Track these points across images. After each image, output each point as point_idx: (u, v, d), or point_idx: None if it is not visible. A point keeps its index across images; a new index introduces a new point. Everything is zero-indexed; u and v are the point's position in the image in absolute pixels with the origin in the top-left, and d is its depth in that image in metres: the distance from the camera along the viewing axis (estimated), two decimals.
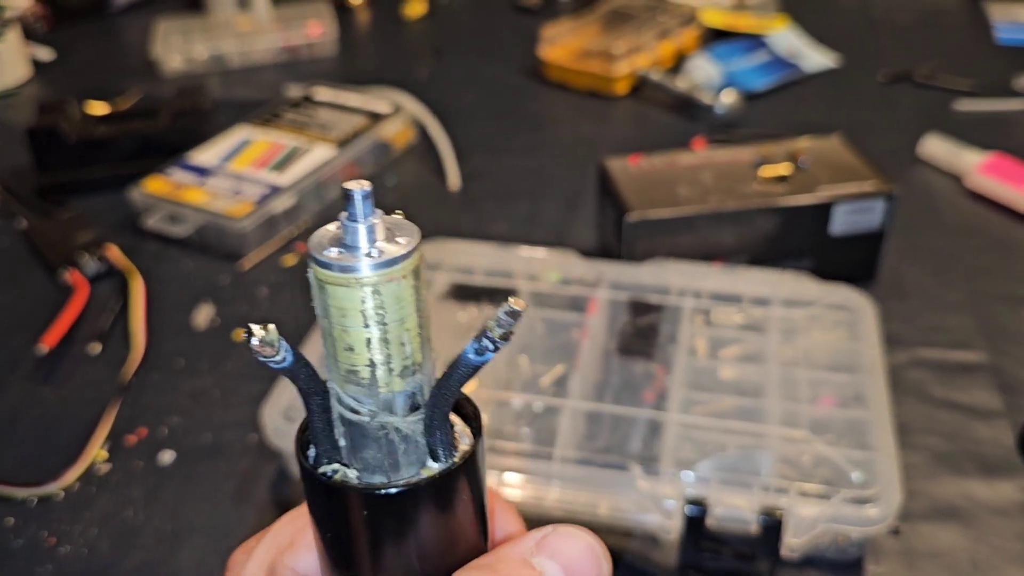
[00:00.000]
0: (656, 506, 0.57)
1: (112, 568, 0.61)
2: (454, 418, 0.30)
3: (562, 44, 1.23)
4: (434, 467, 0.28)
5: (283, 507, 0.64)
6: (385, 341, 0.26)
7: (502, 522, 0.34)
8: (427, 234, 0.82)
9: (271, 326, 0.25)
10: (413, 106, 1.10)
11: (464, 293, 0.75)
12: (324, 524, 0.29)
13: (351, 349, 0.26)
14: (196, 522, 0.64)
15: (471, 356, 0.27)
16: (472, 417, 0.30)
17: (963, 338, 0.77)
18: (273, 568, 0.33)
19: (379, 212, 0.26)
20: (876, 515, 0.56)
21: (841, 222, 0.78)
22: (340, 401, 0.27)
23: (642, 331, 0.70)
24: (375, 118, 1.06)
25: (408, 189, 1.02)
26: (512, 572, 0.30)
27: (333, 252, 0.25)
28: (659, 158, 0.84)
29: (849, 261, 0.81)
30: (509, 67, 1.29)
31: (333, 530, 0.29)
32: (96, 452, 0.69)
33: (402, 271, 0.25)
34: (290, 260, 0.90)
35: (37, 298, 0.86)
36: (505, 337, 0.26)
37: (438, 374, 0.28)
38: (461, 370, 0.27)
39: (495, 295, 0.74)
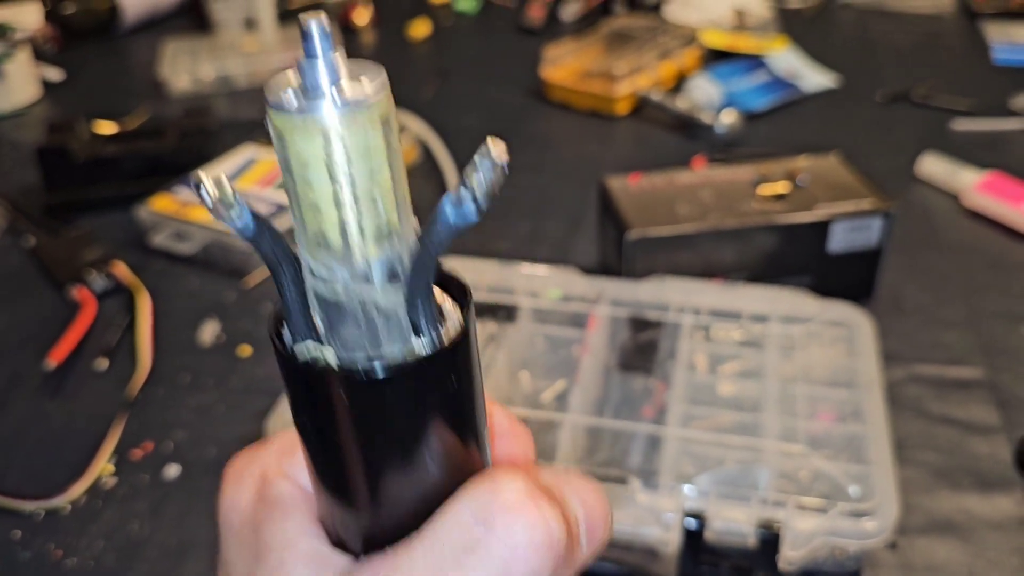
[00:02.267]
0: (655, 519, 0.58)
1: None
2: (442, 297, 0.26)
3: (564, 65, 1.25)
4: (419, 343, 0.25)
5: None
6: (355, 197, 0.23)
7: (506, 444, 0.32)
8: None
9: (223, 178, 0.22)
10: (417, 126, 1.12)
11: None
12: (300, 413, 0.26)
13: (316, 208, 0.23)
14: (201, 536, 0.64)
15: (448, 210, 0.23)
16: (461, 294, 0.26)
17: (960, 354, 0.78)
18: (266, 473, 0.31)
19: (341, 50, 0.23)
20: (873, 529, 0.56)
21: (839, 240, 0.79)
22: (312, 272, 0.24)
23: (642, 347, 0.71)
24: None
25: (413, 207, 1.03)
26: (535, 498, 0.27)
27: (290, 94, 0.22)
28: (659, 177, 0.85)
29: (847, 278, 0.82)
30: (512, 87, 1.31)
31: (310, 420, 0.26)
32: (102, 466, 0.69)
33: (369, 116, 0.22)
34: None
35: (45, 314, 0.87)
36: (487, 194, 0.23)
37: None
38: (440, 228, 0.23)
39: (497, 311, 0.75)
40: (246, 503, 0.31)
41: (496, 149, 0.22)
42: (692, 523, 0.57)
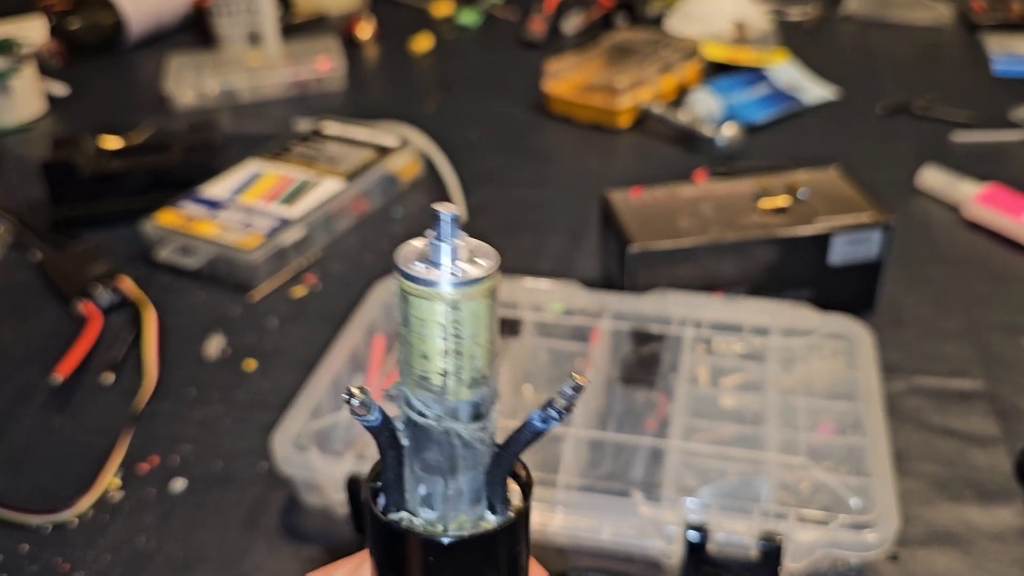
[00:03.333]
0: (658, 532, 0.59)
1: None
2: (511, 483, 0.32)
3: (566, 78, 1.26)
4: (491, 520, 0.30)
5: (294, 534, 0.66)
6: (458, 353, 0.27)
7: None
8: None
9: (367, 388, 0.28)
10: (420, 140, 1.13)
11: None
12: (386, 563, 0.31)
13: (426, 357, 0.28)
14: (207, 549, 0.65)
15: (536, 423, 0.29)
16: (525, 482, 0.32)
17: (960, 366, 0.78)
18: None
19: (463, 234, 0.28)
20: (874, 540, 0.57)
21: (839, 252, 0.80)
22: (409, 404, 0.29)
23: (644, 360, 0.72)
24: (383, 152, 1.08)
25: (415, 221, 1.04)
26: None
27: (419, 267, 0.27)
28: (660, 190, 0.86)
29: (848, 291, 0.82)
30: (514, 101, 1.32)
31: (394, 568, 0.31)
32: (109, 480, 0.70)
33: (480, 291, 0.27)
34: (299, 291, 0.92)
35: (51, 329, 0.87)
36: (568, 408, 0.28)
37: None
38: (526, 434, 0.29)
39: (501, 326, 0.75)
40: None
41: (580, 382, 0.28)
42: (694, 535, 0.58)
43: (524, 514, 0.31)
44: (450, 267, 0.27)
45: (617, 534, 0.60)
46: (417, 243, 0.28)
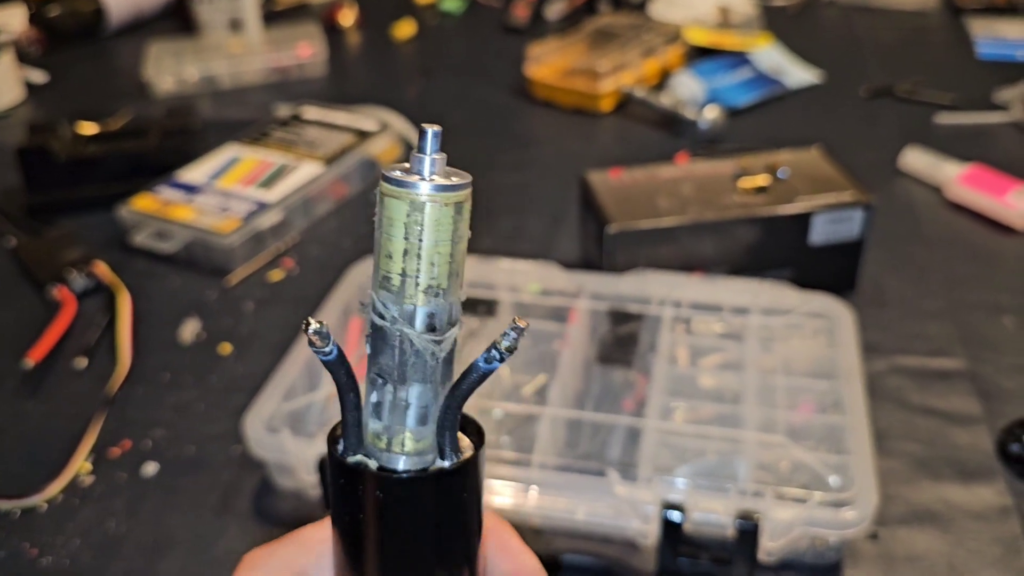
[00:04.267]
0: (634, 511, 0.58)
1: None
2: (462, 436, 0.33)
3: (548, 63, 1.25)
4: (439, 463, 0.32)
5: (266, 517, 0.65)
6: (418, 256, 0.29)
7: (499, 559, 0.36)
8: None
9: (324, 322, 0.30)
10: (400, 124, 1.11)
11: None
12: (342, 507, 0.33)
13: (390, 256, 0.29)
14: (178, 533, 0.64)
15: (481, 364, 0.31)
16: (476, 433, 0.34)
17: (942, 346, 0.78)
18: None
19: (443, 154, 0.29)
20: (853, 518, 0.56)
21: (820, 232, 0.79)
22: (373, 307, 0.30)
23: (622, 340, 0.71)
24: (362, 136, 1.07)
25: None
26: None
27: (397, 171, 0.29)
28: (640, 171, 0.85)
29: (829, 271, 0.81)
30: (497, 86, 1.31)
31: (350, 513, 0.32)
32: (80, 465, 0.69)
33: (446, 199, 0.29)
34: (277, 275, 0.91)
35: (25, 315, 0.86)
36: (510, 349, 0.30)
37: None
38: (472, 376, 0.31)
39: (477, 306, 0.75)
40: None
41: (520, 324, 0.30)
42: (671, 515, 0.57)
43: (473, 462, 0.32)
44: (424, 175, 0.29)
45: (593, 514, 0.59)
46: (405, 162, 0.30)
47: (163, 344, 0.82)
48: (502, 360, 0.31)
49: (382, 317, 0.30)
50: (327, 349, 0.30)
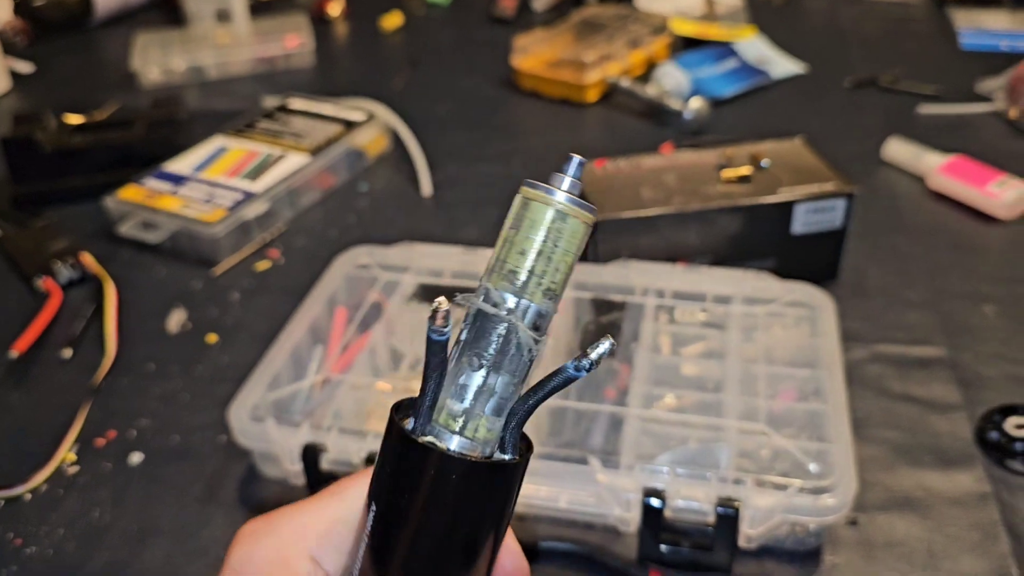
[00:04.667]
0: (615, 499, 0.58)
1: (78, 568, 0.61)
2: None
3: (535, 53, 1.25)
4: (499, 455, 0.33)
5: (251, 506, 0.65)
6: (549, 259, 0.32)
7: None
8: (398, 239, 0.82)
9: (449, 309, 0.32)
10: (387, 115, 1.12)
11: (432, 294, 0.75)
12: (394, 484, 0.33)
13: (523, 253, 0.32)
14: (163, 523, 0.64)
15: (570, 368, 0.32)
16: (524, 439, 0.35)
17: (923, 335, 0.78)
18: (287, 555, 0.34)
19: (580, 181, 0.32)
20: (832, 504, 0.56)
21: (802, 221, 0.80)
22: (487, 297, 0.32)
23: (605, 328, 0.71)
24: (349, 127, 1.07)
25: (381, 195, 1.03)
26: None
27: (542, 184, 0.32)
28: (624, 161, 0.85)
29: (811, 261, 0.82)
30: (483, 77, 1.31)
31: (401, 490, 0.33)
32: (64, 454, 0.69)
33: (583, 215, 0.32)
34: (263, 265, 0.91)
35: (11, 306, 0.86)
36: (597, 363, 0.32)
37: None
38: (558, 379, 0.32)
39: (459, 296, 0.75)
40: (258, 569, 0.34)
41: (609, 341, 0.32)
42: (652, 502, 0.57)
43: (527, 461, 0.34)
44: (570, 189, 0.32)
45: (575, 502, 0.59)
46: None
47: (149, 334, 0.82)
48: (589, 370, 0.32)
49: (496, 306, 0.32)
50: (446, 330, 0.32)
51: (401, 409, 0.34)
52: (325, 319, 0.74)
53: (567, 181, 0.32)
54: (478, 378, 0.32)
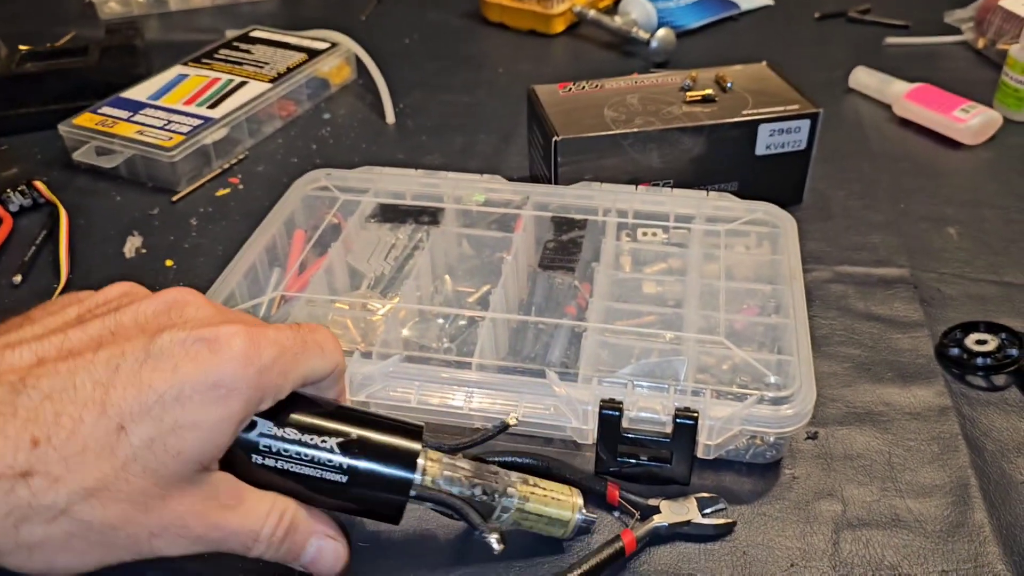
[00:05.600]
0: (572, 411, 0.58)
1: None
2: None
3: None
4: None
5: None
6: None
7: None
8: (361, 166, 0.80)
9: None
10: (350, 44, 1.09)
11: (390, 214, 0.74)
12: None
13: (536, 526, 0.53)
14: None
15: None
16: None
17: (886, 256, 0.78)
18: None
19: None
20: (791, 415, 0.56)
21: (766, 143, 0.79)
22: (498, 516, 0.52)
23: (565, 246, 0.71)
24: (312, 55, 1.05)
25: (344, 123, 1.02)
26: None
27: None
28: (587, 84, 0.84)
29: (775, 183, 0.81)
30: (449, 9, 1.29)
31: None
32: None
33: (586, 526, 0.54)
34: (222, 192, 0.89)
35: None
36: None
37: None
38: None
39: (421, 215, 0.74)
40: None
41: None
42: (608, 413, 0.57)
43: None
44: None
45: (532, 415, 0.59)
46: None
47: (104, 259, 0.80)
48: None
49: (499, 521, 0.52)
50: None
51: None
52: (283, 242, 0.73)
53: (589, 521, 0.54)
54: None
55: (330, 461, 0.46)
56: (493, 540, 0.48)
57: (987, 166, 0.90)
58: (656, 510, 0.56)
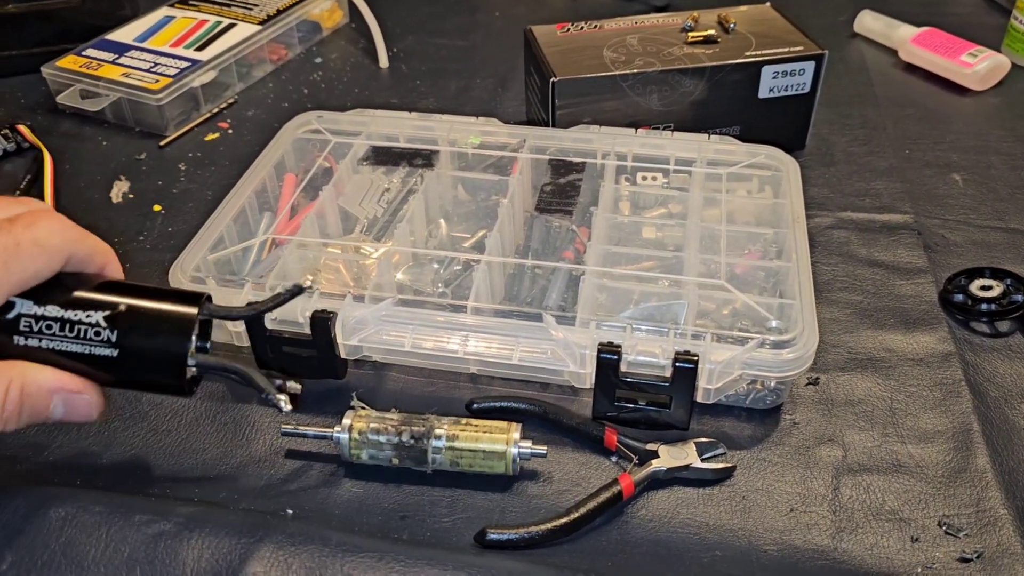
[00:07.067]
0: (569, 354, 0.56)
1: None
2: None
3: None
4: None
5: None
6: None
7: None
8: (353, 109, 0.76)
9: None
10: None
11: (383, 157, 0.72)
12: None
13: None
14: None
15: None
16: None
17: (890, 202, 0.77)
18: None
19: None
20: (792, 359, 0.55)
21: (770, 85, 0.77)
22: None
23: (563, 189, 0.69)
24: None
25: (336, 67, 0.99)
26: None
27: None
28: (586, 24, 0.82)
29: (778, 128, 0.79)
30: None
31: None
32: None
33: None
34: (211, 137, 0.87)
35: None
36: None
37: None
38: None
39: (415, 158, 0.72)
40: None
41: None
42: (607, 357, 0.55)
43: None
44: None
45: (528, 359, 0.57)
46: None
47: (91, 204, 0.79)
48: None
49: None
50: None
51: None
52: (273, 185, 0.71)
53: None
54: None
55: (97, 335, 0.45)
56: (281, 402, 0.48)
57: (994, 112, 0.88)
58: (655, 455, 0.55)
